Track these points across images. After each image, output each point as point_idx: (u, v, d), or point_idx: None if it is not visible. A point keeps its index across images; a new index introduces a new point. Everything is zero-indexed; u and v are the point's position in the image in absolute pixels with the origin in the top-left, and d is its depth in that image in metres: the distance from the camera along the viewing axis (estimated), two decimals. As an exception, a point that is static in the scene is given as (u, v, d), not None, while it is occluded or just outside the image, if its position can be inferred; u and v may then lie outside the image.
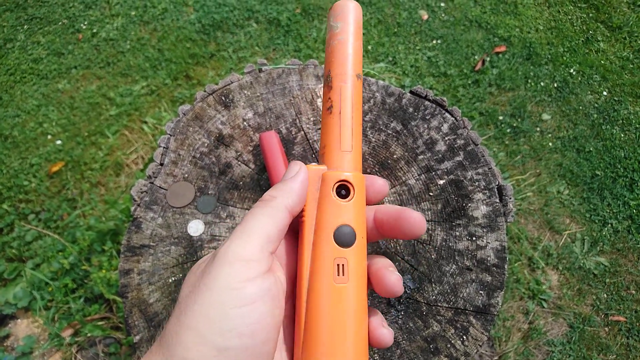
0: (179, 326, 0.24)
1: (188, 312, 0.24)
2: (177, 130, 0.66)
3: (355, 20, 0.33)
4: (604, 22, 1.94)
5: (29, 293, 1.29)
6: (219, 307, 0.24)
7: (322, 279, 0.28)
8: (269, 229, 0.27)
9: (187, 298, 0.25)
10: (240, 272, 0.25)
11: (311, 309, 0.28)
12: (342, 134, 0.30)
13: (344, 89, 0.31)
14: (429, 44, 1.86)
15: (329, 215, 0.29)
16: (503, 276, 0.57)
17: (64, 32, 1.93)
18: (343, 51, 0.32)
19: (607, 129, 1.66)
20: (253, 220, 0.27)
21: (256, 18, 1.92)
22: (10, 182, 1.55)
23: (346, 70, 0.32)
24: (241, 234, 0.26)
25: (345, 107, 0.31)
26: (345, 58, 0.32)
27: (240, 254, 0.25)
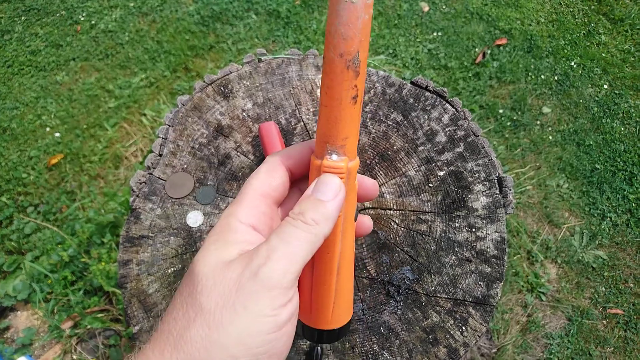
0: (210, 344, 0.24)
1: (222, 332, 0.24)
2: (176, 120, 0.66)
3: None
4: (605, 14, 1.93)
5: (28, 285, 1.29)
6: (256, 334, 0.24)
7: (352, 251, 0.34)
8: (308, 257, 0.27)
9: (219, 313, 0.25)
10: (278, 298, 0.25)
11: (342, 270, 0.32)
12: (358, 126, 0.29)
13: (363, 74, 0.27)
14: (430, 36, 1.85)
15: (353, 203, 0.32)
16: (502, 267, 0.57)
17: (62, 23, 1.92)
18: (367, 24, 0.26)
19: (607, 122, 1.66)
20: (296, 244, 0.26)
21: (255, 9, 1.90)
22: (9, 174, 1.54)
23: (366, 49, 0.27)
24: (284, 257, 0.26)
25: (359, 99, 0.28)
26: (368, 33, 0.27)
27: (280, 282, 0.25)
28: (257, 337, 0.24)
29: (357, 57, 0.26)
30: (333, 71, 0.27)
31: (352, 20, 0.25)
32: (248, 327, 0.24)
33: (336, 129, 0.28)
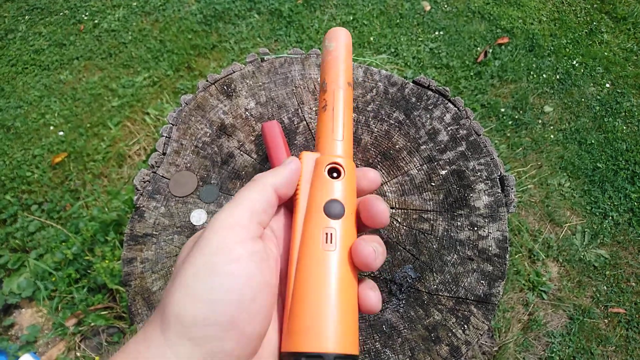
0: (173, 287, 0.26)
1: (181, 274, 0.26)
2: (180, 119, 0.66)
3: (346, 42, 0.40)
4: (608, 12, 1.92)
5: (32, 283, 1.30)
6: (209, 265, 0.26)
7: (311, 245, 0.29)
8: (255, 201, 0.29)
9: (181, 264, 0.27)
10: (229, 236, 0.27)
11: (299, 273, 0.29)
12: (335, 126, 0.35)
13: (336, 92, 0.36)
14: (431, 36, 1.85)
15: (320, 190, 0.32)
16: (504, 266, 0.57)
17: (65, 22, 1.93)
18: (336, 64, 0.38)
19: (609, 121, 1.66)
20: (240, 194, 0.29)
21: (258, 9, 1.91)
22: (13, 173, 1.55)
23: (339, 78, 0.37)
24: (229, 205, 0.29)
25: (337, 106, 0.36)
26: (338, 69, 0.38)
27: (228, 221, 0.27)
28: (211, 269, 0.25)
29: (325, 82, 0.38)
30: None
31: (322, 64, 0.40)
32: (202, 261, 0.26)
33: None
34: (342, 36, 0.41)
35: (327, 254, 0.29)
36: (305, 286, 0.28)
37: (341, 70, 0.38)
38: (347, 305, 0.28)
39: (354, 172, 0.33)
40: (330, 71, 0.38)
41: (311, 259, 0.29)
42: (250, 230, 0.28)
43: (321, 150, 0.34)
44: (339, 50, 0.39)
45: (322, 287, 0.28)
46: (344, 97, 0.37)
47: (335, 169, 0.32)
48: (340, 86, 0.37)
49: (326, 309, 0.27)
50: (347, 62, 0.39)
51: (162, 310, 0.25)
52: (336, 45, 0.40)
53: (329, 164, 0.32)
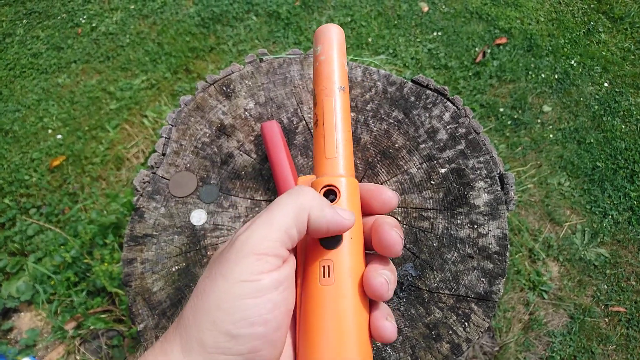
0: (195, 310, 0.25)
1: (204, 299, 0.25)
2: (179, 120, 0.66)
3: (338, 41, 0.36)
4: (605, 13, 1.93)
5: (31, 287, 1.30)
6: (233, 298, 0.24)
7: (309, 281, 0.28)
8: (289, 222, 0.27)
9: (204, 283, 0.26)
10: (256, 266, 0.25)
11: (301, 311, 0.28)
12: (326, 143, 0.32)
13: (326, 103, 0.33)
14: (430, 36, 1.86)
15: None
16: (504, 263, 0.57)
17: (63, 26, 1.93)
18: (324, 69, 0.35)
19: (608, 120, 1.66)
20: (276, 212, 0.27)
21: (256, 11, 1.91)
22: (12, 176, 1.55)
23: (328, 85, 0.34)
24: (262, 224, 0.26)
25: (328, 118, 0.33)
26: (327, 75, 0.34)
27: (258, 248, 0.25)
28: (235, 302, 0.24)
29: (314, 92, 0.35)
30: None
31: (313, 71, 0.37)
32: (226, 292, 0.25)
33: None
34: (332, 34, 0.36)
35: (325, 289, 0.28)
36: (307, 324, 0.28)
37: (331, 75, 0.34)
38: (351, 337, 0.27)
39: (354, 190, 0.31)
40: (318, 78, 0.35)
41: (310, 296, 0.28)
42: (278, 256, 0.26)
43: (316, 171, 0.33)
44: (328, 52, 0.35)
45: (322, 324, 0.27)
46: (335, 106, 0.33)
47: (332, 191, 0.31)
48: (330, 94, 0.34)
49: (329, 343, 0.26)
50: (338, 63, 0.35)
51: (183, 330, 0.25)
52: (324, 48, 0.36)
53: (323, 187, 0.31)
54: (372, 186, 0.33)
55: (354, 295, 0.28)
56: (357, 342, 0.27)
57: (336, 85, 0.34)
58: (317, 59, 0.36)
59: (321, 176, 0.31)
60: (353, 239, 0.29)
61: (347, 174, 0.31)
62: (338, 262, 0.28)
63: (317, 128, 0.33)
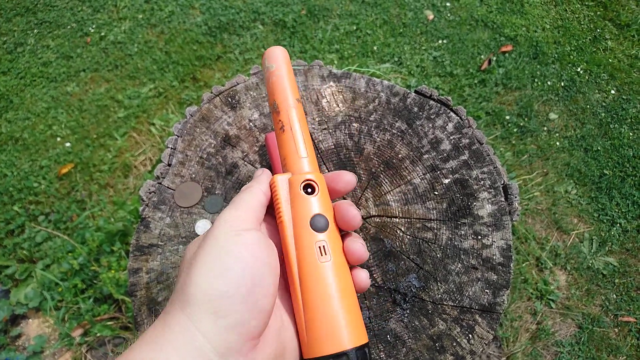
0: (190, 271, 0.29)
1: (197, 259, 0.29)
2: (185, 131, 0.67)
3: (285, 60, 0.42)
4: (611, 20, 1.92)
5: (39, 293, 1.31)
6: (223, 248, 0.29)
7: (309, 261, 0.33)
8: (252, 203, 0.34)
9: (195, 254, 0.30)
10: (236, 224, 0.31)
11: (305, 287, 0.33)
12: (297, 145, 0.38)
13: (290, 111, 0.39)
14: (435, 44, 1.86)
15: (302, 209, 0.34)
16: (509, 275, 0.57)
17: (72, 35, 1.96)
18: (281, 83, 0.40)
19: (615, 127, 1.65)
20: (238, 198, 0.34)
21: (262, 20, 1.93)
22: (21, 184, 1.57)
23: (288, 97, 0.40)
24: (230, 205, 0.33)
25: (294, 125, 0.38)
26: (285, 88, 0.40)
27: (233, 215, 0.32)
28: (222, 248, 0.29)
29: (275, 103, 0.40)
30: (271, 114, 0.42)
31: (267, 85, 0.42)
32: (213, 244, 0.29)
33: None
34: (280, 55, 0.42)
35: (325, 265, 0.33)
36: (313, 298, 0.32)
37: (288, 89, 0.40)
38: (351, 304, 0.33)
39: (325, 185, 0.37)
40: (278, 91, 0.40)
41: (312, 273, 0.33)
42: (253, 223, 0.32)
43: (291, 169, 0.37)
44: (281, 69, 0.41)
45: (329, 296, 0.32)
46: (297, 114, 0.39)
47: (309, 185, 0.36)
48: (291, 105, 0.39)
49: (337, 313, 0.31)
50: (291, 80, 0.41)
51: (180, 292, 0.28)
52: (277, 65, 0.41)
53: (303, 182, 0.35)
54: (332, 174, 0.38)
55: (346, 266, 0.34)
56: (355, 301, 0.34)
57: (294, 97, 0.40)
58: (273, 73, 0.41)
59: (297, 173, 0.36)
60: (333, 223, 0.35)
61: (316, 170, 0.38)
62: (331, 242, 0.34)
63: (284, 133, 0.38)
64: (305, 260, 0.33)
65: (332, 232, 0.34)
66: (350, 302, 0.33)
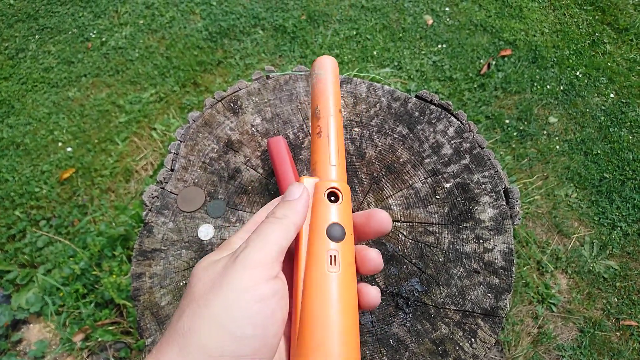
0: (198, 318, 0.28)
1: (209, 306, 0.28)
2: (187, 136, 0.67)
3: (334, 70, 0.43)
4: (610, 24, 1.93)
5: (40, 298, 1.31)
6: (239, 303, 0.28)
7: (317, 267, 0.32)
8: (282, 242, 0.31)
9: (208, 294, 0.29)
10: (257, 274, 0.29)
11: (307, 295, 0.32)
12: (331, 152, 0.38)
13: (329, 119, 0.40)
14: (434, 49, 1.87)
15: (322, 215, 0.34)
16: (511, 279, 0.57)
17: (73, 41, 1.97)
18: (326, 91, 0.41)
19: (614, 131, 1.65)
20: (269, 233, 0.31)
21: (262, 25, 1.94)
22: (22, 189, 1.57)
23: (330, 105, 0.40)
24: (260, 244, 0.31)
25: (331, 132, 0.39)
26: (329, 96, 0.41)
27: (258, 260, 0.30)
28: (240, 307, 0.28)
29: (317, 108, 0.41)
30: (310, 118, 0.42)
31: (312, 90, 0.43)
32: (232, 299, 0.28)
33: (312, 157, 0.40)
34: (330, 65, 0.43)
35: (332, 275, 0.32)
36: (313, 306, 0.31)
37: (332, 98, 0.41)
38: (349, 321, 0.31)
39: (349, 196, 0.37)
40: (322, 98, 0.41)
41: (318, 281, 0.32)
42: (274, 270, 0.30)
43: (319, 175, 0.37)
44: (328, 77, 0.42)
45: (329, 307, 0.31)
46: (335, 123, 0.40)
47: (334, 193, 0.36)
48: (331, 113, 0.40)
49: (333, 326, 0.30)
50: (336, 89, 0.42)
51: (181, 338, 0.27)
52: (325, 74, 0.42)
53: (328, 189, 0.35)
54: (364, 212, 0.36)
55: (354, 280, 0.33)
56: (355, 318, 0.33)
57: (336, 107, 0.41)
58: (321, 80, 0.42)
59: (324, 179, 0.36)
60: (351, 235, 0.35)
61: (344, 180, 0.38)
62: (343, 253, 0.33)
63: (320, 138, 0.39)
64: (313, 266, 0.32)
65: (347, 244, 0.33)
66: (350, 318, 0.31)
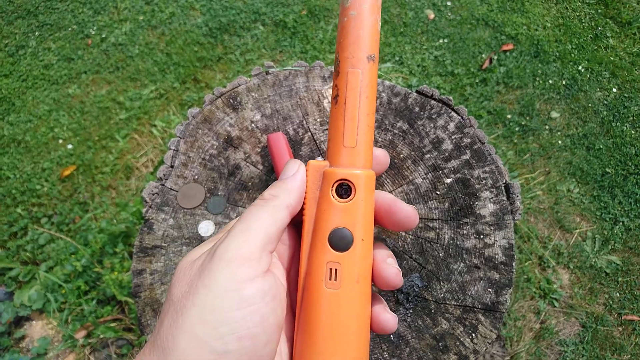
0: (176, 329, 0.23)
1: (185, 315, 0.23)
2: (187, 133, 0.67)
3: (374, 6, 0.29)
4: (612, 17, 1.92)
5: (43, 295, 1.31)
6: (218, 310, 0.23)
7: (313, 282, 0.27)
8: (270, 227, 0.26)
9: (184, 298, 0.24)
10: (240, 272, 0.24)
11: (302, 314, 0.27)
12: (346, 128, 0.28)
13: (351, 75, 0.28)
14: (436, 43, 1.86)
15: (325, 216, 0.27)
16: (511, 274, 0.57)
17: (73, 37, 1.97)
18: (353, 29, 0.28)
19: (617, 126, 1.64)
20: (253, 218, 0.26)
21: (262, 20, 1.93)
22: (24, 186, 1.58)
23: (356, 51, 0.28)
24: (241, 232, 0.25)
25: (351, 97, 0.27)
26: (356, 37, 0.28)
27: (239, 253, 0.24)
28: (221, 315, 0.23)
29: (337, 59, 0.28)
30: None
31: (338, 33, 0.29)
32: (210, 304, 0.23)
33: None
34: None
35: (329, 293, 0.26)
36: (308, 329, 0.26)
37: (360, 39, 0.28)
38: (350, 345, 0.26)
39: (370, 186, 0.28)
40: (344, 41, 0.28)
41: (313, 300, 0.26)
42: (262, 263, 0.25)
43: (330, 159, 0.29)
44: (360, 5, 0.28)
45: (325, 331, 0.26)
46: (362, 81, 0.28)
47: (345, 185, 0.27)
48: (357, 64, 0.28)
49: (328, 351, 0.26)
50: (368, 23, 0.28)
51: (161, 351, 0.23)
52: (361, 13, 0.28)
53: (336, 180, 0.27)
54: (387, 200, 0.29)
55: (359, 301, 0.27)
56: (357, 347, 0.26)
57: (366, 54, 0.28)
58: (345, 12, 0.28)
59: (336, 166, 0.28)
60: (364, 241, 0.27)
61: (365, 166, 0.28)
62: (347, 266, 0.26)
63: (336, 106, 0.28)
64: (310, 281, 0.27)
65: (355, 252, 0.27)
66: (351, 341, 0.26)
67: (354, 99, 0.27)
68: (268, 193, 0.28)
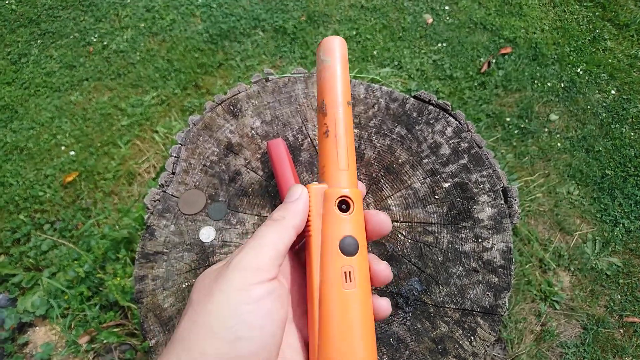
0: (193, 324, 0.28)
1: (201, 312, 0.28)
2: (188, 139, 0.68)
3: (342, 54, 0.37)
4: (610, 20, 1.93)
5: (46, 301, 1.32)
6: (231, 306, 0.28)
7: (332, 286, 0.31)
8: (278, 244, 0.31)
9: (202, 301, 0.29)
10: (251, 277, 0.29)
11: (324, 315, 0.31)
12: (339, 155, 0.34)
13: (337, 115, 0.35)
14: (434, 47, 1.87)
15: (333, 228, 0.32)
16: (509, 277, 0.58)
17: (75, 45, 1.98)
18: (334, 82, 0.36)
19: (616, 127, 1.65)
20: (265, 236, 0.31)
21: (262, 27, 1.95)
22: (26, 193, 1.59)
23: (338, 98, 0.36)
24: (254, 247, 0.30)
25: (339, 131, 0.35)
26: (337, 88, 0.36)
27: (252, 264, 0.29)
28: (233, 310, 0.27)
29: (323, 103, 0.36)
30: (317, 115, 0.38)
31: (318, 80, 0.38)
32: (224, 303, 0.28)
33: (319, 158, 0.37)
34: (338, 47, 0.37)
35: (349, 294, 0.31)
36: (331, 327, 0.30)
37: (340, 89, 0.36)
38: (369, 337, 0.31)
39: (361, 203, 0.34)
40: (329, 90, 0.36)
41: (334, 301, 0.31)
42: (270, 273, 0.30)
43: (328, 181, 0.34)
44: (336, 64, 0.36)
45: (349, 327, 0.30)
46: (344, 119, 0.35)
47: (345, 201, 0.33)
48: (340, 107, 0.35)
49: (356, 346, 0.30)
50: (344, 77, 0.37)
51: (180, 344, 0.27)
52: (332, 60, 0.37)
53: (338, 197, 0.33)
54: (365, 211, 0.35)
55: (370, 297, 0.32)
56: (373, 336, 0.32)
57: (345, 99, 0.36)
58: (327, 68, 0.36)
59: (334, 187, 0.34)
60: (364, 245, 0.33)
61: (355, 185, 0.35)
62: (358, 268, 0.32)
63: (327, 138, 0.35)
64: (328, 286, 0.31)
65: (361, 255, 0.32)
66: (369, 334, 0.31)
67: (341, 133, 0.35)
68: (277, 214, 0.33)
